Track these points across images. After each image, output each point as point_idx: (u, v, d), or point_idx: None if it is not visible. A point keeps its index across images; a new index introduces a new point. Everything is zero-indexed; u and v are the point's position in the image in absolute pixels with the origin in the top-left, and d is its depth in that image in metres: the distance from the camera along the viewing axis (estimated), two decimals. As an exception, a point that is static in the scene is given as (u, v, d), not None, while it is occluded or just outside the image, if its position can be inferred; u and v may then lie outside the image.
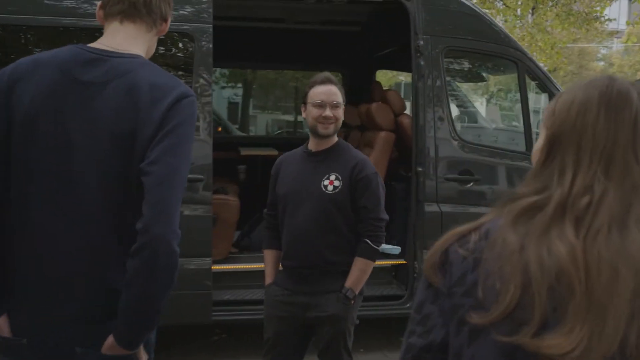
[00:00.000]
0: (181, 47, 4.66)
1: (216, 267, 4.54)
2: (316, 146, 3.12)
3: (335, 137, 3.12)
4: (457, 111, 5.77)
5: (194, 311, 4.37)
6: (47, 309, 1.74)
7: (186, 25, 4.35)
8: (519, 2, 15.07)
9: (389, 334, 5.24)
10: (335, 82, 3.11)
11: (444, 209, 4.76)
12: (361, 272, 3.02)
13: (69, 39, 4.34)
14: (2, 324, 1.76)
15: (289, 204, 3.10)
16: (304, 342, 3.22)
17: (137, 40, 1.83)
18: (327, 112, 3.02)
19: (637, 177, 1.12)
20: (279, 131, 10.81)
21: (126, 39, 1.81)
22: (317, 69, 9.22)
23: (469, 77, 6.63)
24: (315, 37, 6.80)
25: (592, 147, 1.13)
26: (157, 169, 1.63)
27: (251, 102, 10.38)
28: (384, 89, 6.05)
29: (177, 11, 4.32)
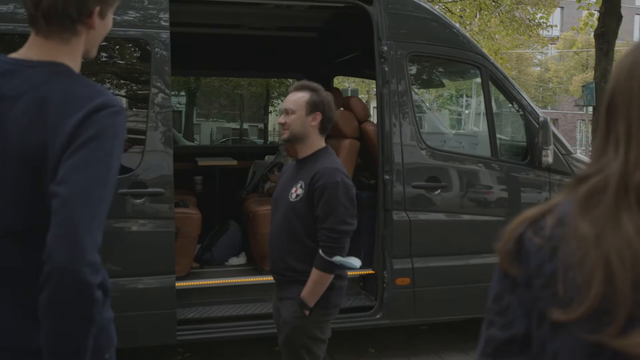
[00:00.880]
0: (136, 55, 4.45)
1: (180, 284, 4.34)
2: (300, 153, 3.14)
3: (317, 143, 3.10)
4: (422, 117, 5.72)
5: (158, 332, 4.16)
6: None
7: (140, 31, 4.15)
8: (466, 10, 15.32)
9: (358, 346, 5.12)
10: (303, 89, 3.11)
11: (412, 216, 4.68)
12: (314, 283, 2.96)
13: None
14: None
15: (272, 210, 3.23)
16: None
17: (58, 52, 1.57)
18: (281, 118, 3.11)
19: None
20: (223, 139, 10.64)
21: (43, 51, 1.57)
22: (273, 76, 9.21)
23: (434, 83, 6.60)
24: (271, 44, 6.67)
25: (639, 114, 1.02)
26: (62, 189, 1.41)
27: (195, 110, 10.18)
28: (347, 95, 5.97)
29: (130, 16, 4.12)
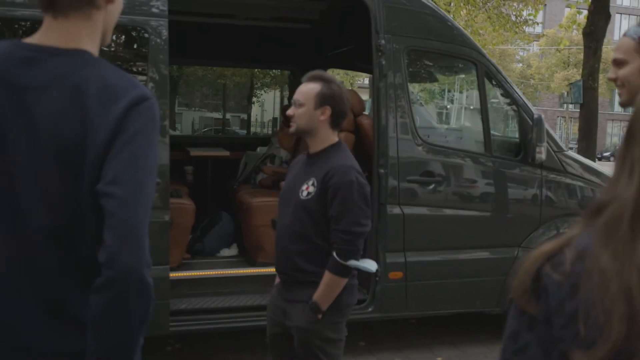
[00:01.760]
0: (132, 43, 4.40)
1: (173, 275, 4.31)
2: (311, 148, 2.98)
3: (328, 138, 2.92)
4: (418, 112, 5.72)
5: (151, 322, 4.11)
6: None
7: (139, 18, 4.09)
8: (451, 5, 15.35)
9: (349, 339, 5.13)
10: (315, 80, 2.92)
11: (406, 210, 4.69)
12: (326, 286, 2.82)
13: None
14: None
15: (280, 206, 3.06)
16: (293, 349, 3.07)
17: (80, 34, 1.50)
18: (289, 110, 2.96)
19: None
20: (205, 129, 10.56)
21: (64, 35, 1.48)
22: (268, 67, 9.15)
23: (430, 78, 6.61)
24: (266, 35, 6.63)
25: None
26: (118, 190, 1.37)
27: (177, 99, 10.11)
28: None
29: (128, 3, 4.06)
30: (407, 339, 5.26)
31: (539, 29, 39.09)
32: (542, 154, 4.90)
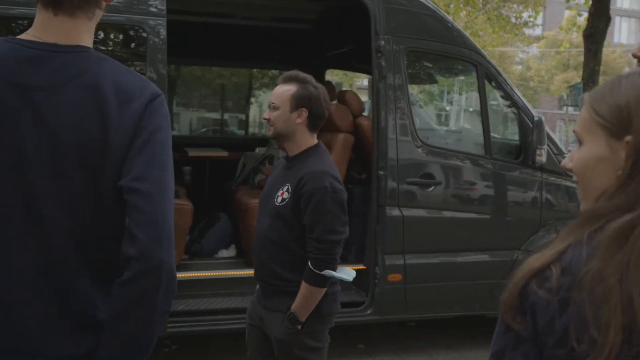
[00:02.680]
0: (130, 42, 4.37)
1: (170, 276, 4.27)
2: (289, 151, 2.88)
3: (306, 141, 2.82)
4: (418, 113, 5.70)
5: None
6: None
7: (137, 17, 4.06)
8: (450, 6, 15.33)
9: (347, 341, 5.11)
10: (290, 81, 2.80)
11: (406, 213, 4.66)
12: (304, 297, 2.70)
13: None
14: None
15: (259, 211, 2.98)
16: (274, 356, 2.98)
17: (79, 32, 1.49)
18: (265, 114, 2.84)
19: None
20: (203, 129, 10.53)
21: (64, 33, 1.47)
22: (266, 67, 9.12)
23: (430, 79, 6.58)
24: (265, 35, 6.60)
25: None
26: (145, 186, 1.40)
27: (175, 99, 10.07)
28: (343, 89, 5.93)
29: (126, 2, 4.03)
30: (405, 341, 5.23)
31: (539, 31, 39.11)
32: (542, 157, 4.88)
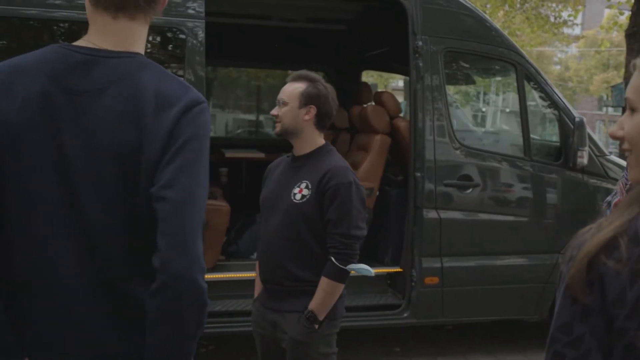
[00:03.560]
0: (170, 43, 4.41)
1: (208, 277, 4.29)
2: (296, 150, 2.86)
3: (314, 140, 2.82)
4: (455, 114, 5.64)
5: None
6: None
7: (176, 19, 4.09)
8: (487, 6, 15.15)
9: (383, 344, 5.07)
10: (300, 79, 2.80)
11: (443, 215, 4.61)
12: (324, 293, 2.67)
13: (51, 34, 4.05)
14: None
15: (264, 211, 2.93)
16: None
17: (135, 37, 1.52)
18: (274, 110, 2.83)
19: None
20: (239, 130, 10.58)
21: (121, 38, 1.49)
22: (302, 68, 9.11)
23: (468, 80, 6.51)
24: (299, 36, 6.60)
25: None
26: (171, 194, 1.38)
27: (211, 100, 10.16)
28: (379, 90, 5.90)
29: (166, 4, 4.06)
30: (442, 345, 5.17)
31: (578, 30, 38.43)
32: (583, 159, 4.77)
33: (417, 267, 4.58)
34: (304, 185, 2.74)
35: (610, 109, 32.13)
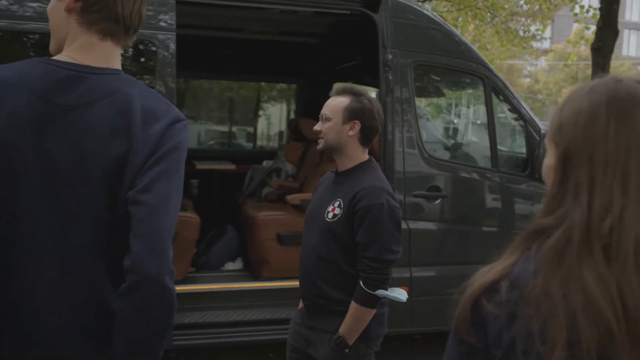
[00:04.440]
0: (142, 56, 4.41)
1: (177, 289, 4.28)
2: (340, 166, 2.79)
3: (358, 155, 2.75)
4: (425, 126, 5.71)
5: (155, 336, 4.10)
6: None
7: (147, 31, 4.10)
8: (459, 19, 15.38)
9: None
10: (344, 93, 2.77)
11: (412, 225, 4.66)
12: (353, 318, 2.60)
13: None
14: None
15: (305, 227, 2.87)
16: None
17: (115, 56, 1.60)
18: (317, 126, 2.79)
19: None
20: (211, 142, 10.58)
21: (103, 56, 1.56)
22: (274, 81, 9.17)
23: (437, 93, 6.60)
24: (271, 48, 6.64)
25: (605, 160, 1.01)
26: (148, 198, 1.44)
27: (183, 112, 10.15)
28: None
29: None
30: (411, 355, 5.21)
31: (547, 44, 39.13)
32: (549, 170, 4.87)
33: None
34: (337, 203, 2.68)
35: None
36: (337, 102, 2.75)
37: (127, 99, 1.50)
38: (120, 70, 1.59)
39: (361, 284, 2.58)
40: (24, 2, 3.89)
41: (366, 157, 2.78)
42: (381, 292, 2.57)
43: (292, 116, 8.21)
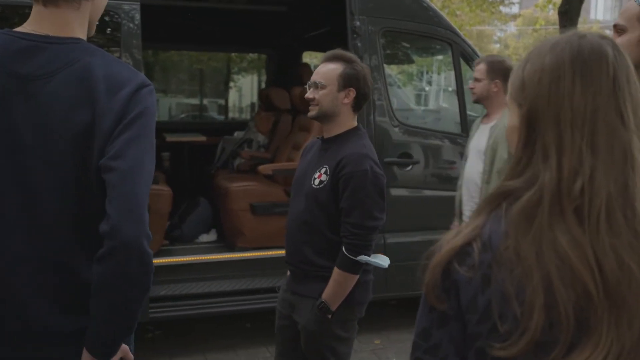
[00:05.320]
0: (107, 27, 4.32)
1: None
2: (327, 132, 2.76)
3: (348, 122, 2.71)
4: (395, 94, 5.72)
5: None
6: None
7: (111, 1, 4.00)
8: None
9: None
10: (336, 60, 2.69)
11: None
12: (336, 283, 2.61)
13: None
14: None
15: (292, 193, 2.88)
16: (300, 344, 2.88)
17: (72, 24, 1.55)
18: (309, 93, 2.72)
19: (627, 142, 0.98)
20: (182, 115, 10.50)
21: (58, 25, 1.53)
22: (243, 51, 9.07)
23: (406, 59, 6.59)
24: (240, 17, 6.56)
25: (572, 120, 0.98)
26: (120, 164, 1.44)
27: (153, 84, 10.05)
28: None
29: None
30: (387, 320, 5.28)
31: (516, 9, 39.18)
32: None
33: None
34: (323, 170, 2.66)
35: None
36: (331, 69, 2.67)
37: (88, 67, 1.48)
38: (81, 38, 1.56)
39: (343, 249, 2.60)
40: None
41: (355, 123, 2.76)
42: (363, 257, 2.58)
43: (263, 87, 8.16)
